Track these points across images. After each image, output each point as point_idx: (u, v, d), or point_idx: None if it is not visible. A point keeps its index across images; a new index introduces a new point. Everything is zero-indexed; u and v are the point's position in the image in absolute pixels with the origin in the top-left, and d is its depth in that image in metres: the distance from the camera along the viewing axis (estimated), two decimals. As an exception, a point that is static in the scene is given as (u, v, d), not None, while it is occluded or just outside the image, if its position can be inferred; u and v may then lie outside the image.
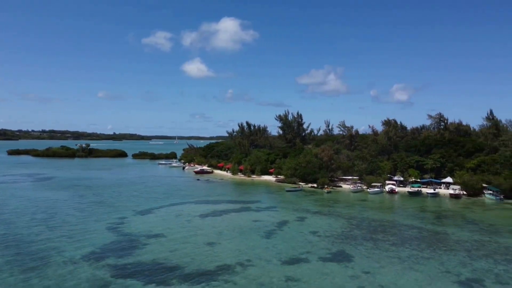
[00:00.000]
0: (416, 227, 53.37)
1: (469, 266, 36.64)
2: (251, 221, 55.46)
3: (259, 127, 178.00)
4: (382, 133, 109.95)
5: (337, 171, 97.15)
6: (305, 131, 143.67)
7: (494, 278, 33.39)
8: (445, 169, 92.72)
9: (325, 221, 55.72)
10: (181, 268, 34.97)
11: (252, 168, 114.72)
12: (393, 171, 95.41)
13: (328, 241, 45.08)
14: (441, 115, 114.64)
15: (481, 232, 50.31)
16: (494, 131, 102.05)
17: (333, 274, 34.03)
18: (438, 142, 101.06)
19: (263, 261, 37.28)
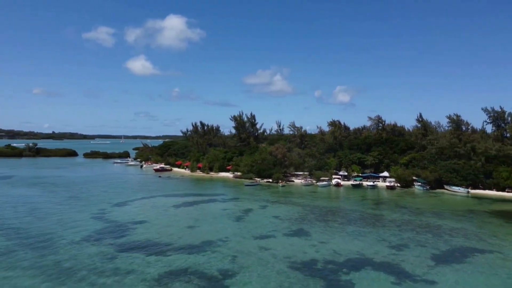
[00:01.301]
0: (358, 211, 64.04)
1: (398, 236, 47.19)
2: (220, 209, 63.35)
3: (212, 126, 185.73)
4: (329, 133, 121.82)
5: (289, 167, 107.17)
6: (258, 131, 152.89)
7: (416, 243, 43.99)
8: (383, 165, 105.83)
9: (283, 208, 64.85)
10: (172, 244, 42.22)
11: (210, 165, 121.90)
12: (339, 166, 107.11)
13: (289, 222, 54.11)
14: (380, 117, 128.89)
15: (409, 214, 61.84)
16: (423, 132, 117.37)
17: (296, 244, 42.96)
18: (376, 141, 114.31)
19: (238, 237, 45.45)
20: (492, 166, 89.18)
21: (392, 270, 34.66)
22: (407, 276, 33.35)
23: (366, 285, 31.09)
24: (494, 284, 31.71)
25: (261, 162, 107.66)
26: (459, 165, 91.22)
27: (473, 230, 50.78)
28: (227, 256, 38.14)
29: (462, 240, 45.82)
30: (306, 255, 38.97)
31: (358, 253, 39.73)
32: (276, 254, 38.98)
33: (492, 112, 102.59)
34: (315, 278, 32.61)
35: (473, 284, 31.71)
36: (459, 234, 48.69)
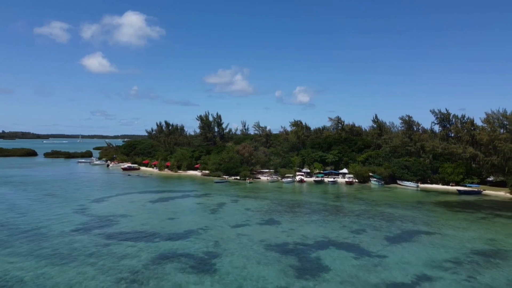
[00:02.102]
0: (321, 203, 70.52)
1: (357, 223, 53.79)
2: (195, 203, 67.84)
3: (176, 126, 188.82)
4: (292, 132, 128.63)
5: (256, 165, 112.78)
6: (224, 131, 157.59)
7: (372, 228, 50.67)
8: (342, 162, 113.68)
9: (253, 202, 70.20)
10: (157, 233, 46.44)
11: (178, 164, 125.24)
12: (302, 164, 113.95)
13: (260, 213, 59.53)
14: (339, 118, 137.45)
15: (366, 205, 68.98)
16: (378, 132, 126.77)
17: (269, 231, 48.40)
18: (336, 141, 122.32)
19: (217, 226, 50.31)
20: (438, 162, 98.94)
21: (352, 249, 40.84)
22: (364, 253, 39.59)
23: (331, 260, 36.91)
24: (432, 255, 38.52)
25: (229, 160, 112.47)
26: (410, 162, 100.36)
27: (420, 217, 58.34)
28: (209, 241, 42.94)
29: (411, 225, 53.06)
30: (279, 239, 44.50)
31: (323, 237, 45.73)
32: (252, 239, 44.22)
33: (439, 114, 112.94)
34: (288, 256, 38.13)
35: (416, 256, 38.36)
36: (408, 220, 56.03)
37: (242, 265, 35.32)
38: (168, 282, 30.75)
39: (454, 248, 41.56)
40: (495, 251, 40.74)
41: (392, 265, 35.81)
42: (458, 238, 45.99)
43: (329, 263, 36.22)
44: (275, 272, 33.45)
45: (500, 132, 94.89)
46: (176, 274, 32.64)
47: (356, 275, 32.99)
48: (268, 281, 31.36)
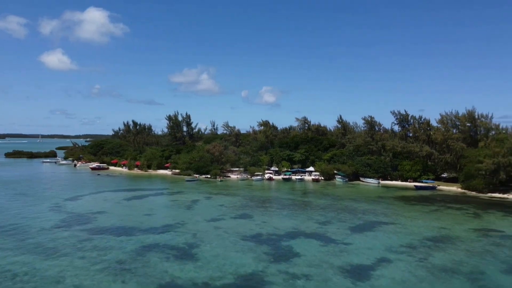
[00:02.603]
0: (290, 199, 74.64)
1: (324, 216, 58.09)
2: (170, 200, 70.22)
3: (144, 125, 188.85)
4: (261, 132, 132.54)
5: (226, 164, 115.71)
6: (193, 130, 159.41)
7: (337, 220, 55.07)
8: (309, 161, 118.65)
9: (226, 198, 73.30)
10: (137, 227, 48.72)
11: (148, 163, 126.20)
12: (270, 163, 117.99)
13: (233, 209, 62.76)
14: (306, 119, 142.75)
15: (332, 200, 73.67)
16: (342, 131, 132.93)
17: (243, 224, 51.75)
18: (303, 140, 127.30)
19: (193, 221, 53.12)
20: (397, 160, 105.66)
21: (320, 238, 44.89)
22: (330, 241, 43.71)
23: (301, 248, 40.70)
24: (391, 242, 43.16)
25: (199, 159, 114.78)
26: (372, 160, 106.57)
27: (381, 210, 63.46)
28: (188, 234, 45.77)
29: (372, 216, 57.93)
30: (252, 230, 47.96)
31: (293, 228, 49.59)
32: (228, 231, 47.42)
33: (398, 115, 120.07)
34: (262, 245, 41.65)
35: (377, 243, 42.88)
36: (370, 213, 60.95)
37: (221, 253, 38.48)
38: (154, 270, 33.44)
39: (409, 235, 46.50)
40: (444, 237, 45.99)
41: (356, 250, 40.07)
42: (413, 227, 51.14)
43: (299, 250, 40.00)
44: (252, 259, 36.85)
45: (453, 132, 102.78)
46: (161, 263, 35.37)
47: (323, 260, 36.92)
48: (246, 266, 34.70)
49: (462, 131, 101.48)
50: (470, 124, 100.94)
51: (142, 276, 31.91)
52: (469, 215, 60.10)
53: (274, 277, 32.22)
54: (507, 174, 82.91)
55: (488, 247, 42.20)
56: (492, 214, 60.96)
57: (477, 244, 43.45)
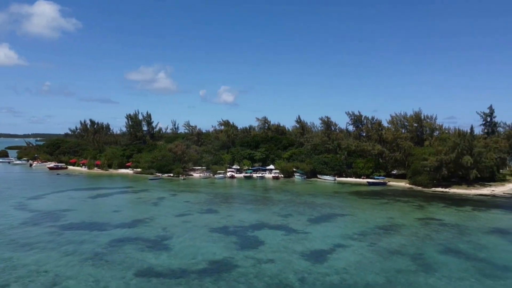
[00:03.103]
0: (252, 195, 78.41)
1: (285, 209, 62.23)
2: (136, 198, 71.81)
3: (102, 124, 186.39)
4: (222, 131, 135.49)
5: (188, 163, 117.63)
6: (154, 129, 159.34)
7: (297, 213, 59.36)
8: (269, 159, 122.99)
9: (191, 195, 75.87)
10: (108, 223, 50.53)
11: (109, 162, 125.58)
12: (232, 161, 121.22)
13: (199, 205, 65.57)
14: (266, 118, 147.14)
15: (291, 196, 78.13)
16: (301, 131, 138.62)
17: (210, 218, 54.80)
18: (263, 139, 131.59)
19: (162, 216, 55.52)
20: (352, 158, 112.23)
21: (282, 228, 48.87)
22: (292, 231, 47.78)
23: (265, 237, 44.42)
24: (345, 230, 47.86)
25: (161, 158, 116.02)
26: (328, 158, 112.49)
27: (336, 204, 68.56)
28: (158, 228, 48.27)
29: (329, 209, 62.79)
30: (219, 223, 51.17)
31: (257, 220, 53.30)
32: (196, 225, 50.37)
33: (353, 116, 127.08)
34: (230, 235, 45.01)
35: (333, 231, 47.46)
36: (327, 206, 65.86)
37: (192, 243, 41.47)
38: (131, 259, 35.91)
39: (362, 225, 51.54)
40: (392, 225, 51.42)
41: (314, 238, 44.37)
42: (365, 218, 56.35)
43: (263, 239, 43.73)
44: (221, 247, 40.13)
45: (402, 132, 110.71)
46: (136, 253, 37.87)
47: (286, 246, 40.86)
48: (216, 254, 37.94)
49: (410, 131, 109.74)
50: (417, 124, 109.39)
51: (121, 265, 34.34)
52: (414, 207, 66.47)
53: (242, 261, 35.69)
54: (449, 171, 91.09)
55: (429, 233, 47.92)
56: (434, 206, 67.68)
57: (420, 230, 49.12)
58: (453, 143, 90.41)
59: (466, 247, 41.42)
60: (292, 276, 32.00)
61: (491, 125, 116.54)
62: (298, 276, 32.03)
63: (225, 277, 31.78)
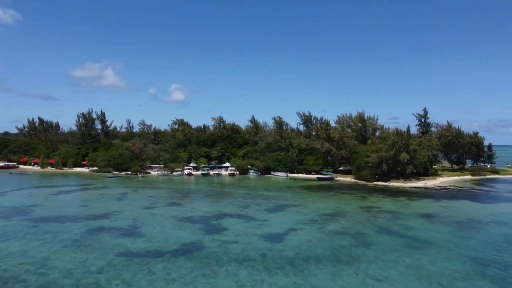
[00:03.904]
0: (211, 190, 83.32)
1: (243, 202, 67.86)
2: (99, 194, 74.31)
3: (51, 123, 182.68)
4: (179, 130, 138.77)
5: (146, 161, 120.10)
6: (109, 128, 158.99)
7: (255, 204, 65.21)
8: (225, 157, 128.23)
9: (153, 191, 79.43)
10: (78, 216, 53.52)
11: (63, 161, 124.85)
12: (189, 159, 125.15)
13: (162, 199, 69.58)
14: (221, 118, 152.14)
15: (248, 190, 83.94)
16: (255, 130, 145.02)
17: (175, 210, 59.23)
18: (219, 138, 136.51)
19: (129, 209, 59.14)
20: (303, 156, 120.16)
21: (242, 217, 54.43)
22: (251, 219, 53.48)
23: (228, 224, 49.76)
24: (298, 218, 54.33)
25: (119, 157, 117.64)
26: (281, 156, 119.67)
27: (289, 196, 75.20)
28: (128, 219, 52.10)
29: (283, 201, 69.21)
30: (184, 214, 55.85)
31: (218, 211, 58.54)
32: (163, 216, 54.71)
33: (303, 116, 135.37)
34: (196, 223, 49.92)
35: (287, 218, 53.75)
36: (281, 198, 72.28)
37: (162, 231, 45.97)
38: (109, 244, 39.89)
39: (312, 213, 58.33)
40: (338, 213, 58.66)
41: (271, 224, 50.36)
42: (315, 207, 63.31)
43: (226, 226, 49.06)
44: (189, 233, 45.01)
45: (348, 131, 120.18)
46: (113, 239, 41.83)
47: (247, 231, 46.47)
48: (186, 238, 42.79)
49: (355, 130, 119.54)
50: (361, 124, 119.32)
51: (100, 249, 38.29)
52: (357, 198, 74.58)
53: (210, 243, 40.85)
54: (388, 166, 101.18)
55: (369, 218, 55.53)
56: (374, 197, 76.23)
57: (361, 216, 56.66)
58: (392, 141, 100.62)
59: (398, 228, 49.21)
60: (254, 253, 37.65)
61: (425, 125, 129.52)
62: (259, 253, 37.72)
63: (197, 255, 36.81)
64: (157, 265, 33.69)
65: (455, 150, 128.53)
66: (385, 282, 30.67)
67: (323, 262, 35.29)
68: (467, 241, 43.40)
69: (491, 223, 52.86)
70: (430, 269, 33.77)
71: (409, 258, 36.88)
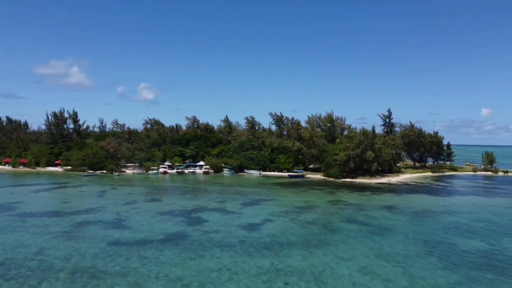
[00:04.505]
0: (188, 187, 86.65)
1: (219, 197, 71.69)
2: (78, 191, 76.27)
3: (19, 122, 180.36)
4: (153, 130, 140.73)
5: (121, 160, 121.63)
6: (81, 127, 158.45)
7: (231, 199, 69.19)
8: (199, 156, 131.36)
9: (131, 188, 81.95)
10: (63, 211, 55.90)
11: (36, 160, 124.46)
12: (164, 158, 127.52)
13: (142, 195, 72.44)
14: (195, 118, 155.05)
15: (223, 187, 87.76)
16: (228, 130, 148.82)
17: (156, 205, 62.42)
18: (193, 137, 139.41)
19: (111, 205, 61.85)
20: (275, 155, 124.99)
21: (220, 210, 58.35)
22: (229, 212, 57.47)
23: (208, 217, 53.55)
24: (272, 210, 58.79)
25: (93, 156, 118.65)
26: (254, 154, 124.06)
27: (263, 192, 79.63)
28: (112, 213, 55.00)
29: (257, 196, 73.55)
30: (165, 208, 59.22)
31: (197, 206, 62.19)
32: (146, 210, 57.85)
33: (275, 116, 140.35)
34: (177, 216, 53.44)
35: (262, 211, 58.09)
36: (255, 194, 76.60)
37: (146, 223, 49.27)
38: (98, 235, 42.91)
39: (284, 206, 62.96)
40: (308, 206, 63.55)
41: (248, 216, 54.56)
42: (287, 201, 67.99)
43: (206, 218, 52.87)
44: (172, 224, 48.56)
45: (317, 131, 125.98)
46: (101, 231, 44.83)
47: (226, 222, 50.46)
48: (170, 228, 46.34)
49: (324, 130, 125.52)
50: (330, 124, 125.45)
51: (90, 239, 41.33)
52: (326, 193, 79.90)
53: (192, 233, 44.60)
54: (355, 164, 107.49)
55: (336, 210, 60.68)
56: (342, 192, 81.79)
57: (330, 208, 61.76)
58: (359, 140, 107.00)
59: (362, 218, 54.49)
60: (234, 240, 41.72)
61: (390, 125, 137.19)
62: (239, 240, 41.83)
63: (182, 243, 40.51)
64: (147, 251, 37.19)
65: (417, 149, 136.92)
66: (349, 260, 35.46)
67: (296, 246, 39.80)
68: (422, 227, 49.11)
69: (443, 213, 59.13)
70: (388, 250, 38.91)
71: (371, 242, 41.98)
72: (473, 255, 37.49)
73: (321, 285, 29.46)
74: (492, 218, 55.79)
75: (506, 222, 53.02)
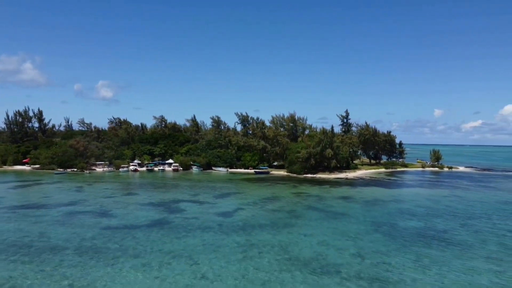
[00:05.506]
0: (160, 183, 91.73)
1: (192, 191, 77.53)
2: (56, 188, 79.68)
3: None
4: (122, 129, 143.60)
5: (91, 158, 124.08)
6: (47, 126, 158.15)
7: (203, 193, 75.26)
8: (168, 154, 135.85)
9: (106, 185, 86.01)
10: (47, 204, 59.97)
11: (3, 159, 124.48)
12: (133, 156, 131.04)
13: (118, 190, 77.01)
14: (163, 117, 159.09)
15: (194, 182, 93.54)
16: (196, 129, 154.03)
17: (134, 198, 67.50)
18: (162, 136, 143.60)
19: (92, 199, 66.29)
20: (241, 153, 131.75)
21: (195, 202, 64.42)
22: (203, 203, 63.66)
23: (185, 206, 59.54)
24: (242, 201, 65.55)
25: (62, 154, 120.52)
26: (221, 152, 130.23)
27: (232, 186, 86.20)
28: (96, 205, 59.78)
29: (227, 190, 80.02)
30: (145, 200, 64.55)
31: (173, 198, 67.92)
32: (126, 202, 62.94)
33: (240, 116, 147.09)
34: (157, 207, 59.07)
35: (233, 202, 64.71)
36: (225, 188, 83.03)
37: (130, 212, 54.64)
38: (89, 222, 47.99)
39: (253, 198, 69.91)
40: (274, 197, 70.86)
41: (221, 206, 61.06)
42: (255, 194, 74.99)
43: (184, 208, 58.89)
44: (154, 213, 54.24)
45: (281, 130, 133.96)
46: (90, 219, 49.86)
47: (202, 211, 56.72)
48: (153, 216, 52.06)
49: (287, 129, 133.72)
50: (292, 124, 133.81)
51: (84, 225, 46.42)
52: (290, 186, 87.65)
53: (175, 219, 50.59)
54: (316, 161, 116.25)
55: (299, 200, 68.33)
56: (304, 185, 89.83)
57: (293, 199, 69.33)
58: (319, 139, 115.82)
59: (321, 206, 62.37)
60: (212, 224, 48.17)
61: (347, 125, 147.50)
62: (216, 224, 48.31)
63: (167, 226, 46.48)
64: (138, 233, 42.93)
65: (372, 147, 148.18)
66: (310, 236, 42.88)
67: (265, 227, 46.81)
68: (371, 212, 57.56)
69: (391, 201, 68.23)
70: (342, 229, 46.73)
71: (328, 223, 49.73)
72: (409, 231, 46.06)
73: (288, 253, 36.58)
74: (431, 204, 65.42)
75: (441, 208, 62.62)
